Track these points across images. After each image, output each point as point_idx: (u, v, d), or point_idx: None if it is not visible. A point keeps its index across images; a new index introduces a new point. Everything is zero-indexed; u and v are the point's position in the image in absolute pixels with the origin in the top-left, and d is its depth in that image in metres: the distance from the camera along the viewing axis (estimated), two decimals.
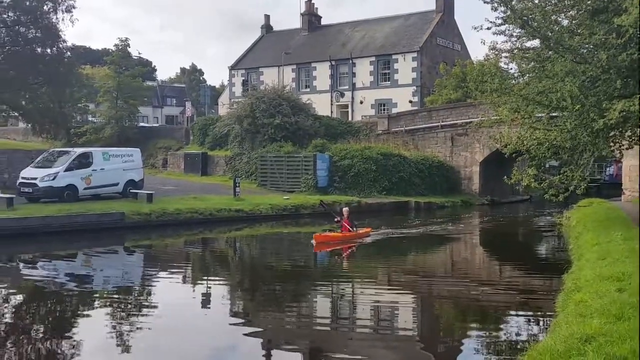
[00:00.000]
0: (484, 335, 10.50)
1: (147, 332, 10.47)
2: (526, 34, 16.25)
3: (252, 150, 38.75)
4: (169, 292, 14.11)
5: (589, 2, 15.09)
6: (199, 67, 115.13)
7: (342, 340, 10.31)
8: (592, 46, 15.09)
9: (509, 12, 15.79)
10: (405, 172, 35.07)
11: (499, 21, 16.43)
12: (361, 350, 9.71)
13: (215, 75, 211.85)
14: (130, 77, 51.87)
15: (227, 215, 25.70)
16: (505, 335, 10.49)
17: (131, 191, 27.40)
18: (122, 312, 12.06)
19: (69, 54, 34.44)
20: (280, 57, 52.14)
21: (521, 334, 10.35)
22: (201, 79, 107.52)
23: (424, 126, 39.44)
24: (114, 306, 12.56)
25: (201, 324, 11.30)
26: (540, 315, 11.39)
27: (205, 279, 16.13)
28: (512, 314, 11.79)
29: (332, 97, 50.97)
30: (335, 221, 21.11)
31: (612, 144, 17.56)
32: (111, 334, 10.38)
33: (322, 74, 52.01)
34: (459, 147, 38.10)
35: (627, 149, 18.66)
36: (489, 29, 16.88)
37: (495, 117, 21.87)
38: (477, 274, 16.96)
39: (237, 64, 58.44)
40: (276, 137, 37.75)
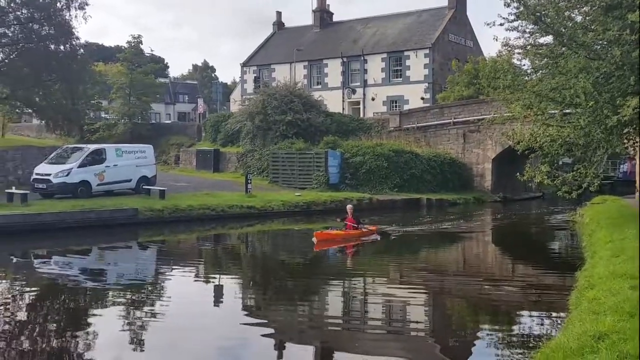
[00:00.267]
0: (496, 332, 10.46)
1: (159, 327, 10.55)
2: (539, 30, 16.18)
3: (264, 147, 38.81)
4: (182, 287, 14.20)
5: None
6: (210, 64, 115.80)
7: (353, 336, 10.33)
8: (605, 42, 14.98)
9: (522, 8, 15.72)
10: (417, 169, 35.01)
11: (512, 17, 16.38)
12: (373, 347, 9.71)
13: (227, 72, 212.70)
14: (142, 74, 52.12)
15: (239, 211, 25.80)
16: (517, 332, 10.45)
17: (144, 187, 27.55)
18: (135, 307, 12.15)
19: (82, 51, 34.61)
20: (292, 54, 52.14)
21: (534, 331, 10.31)
22: (213, 75, 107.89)
23: (435, 123, 39.35)
24: (127, 301, 12.65)
25: (213, 320, 11.38)
26: (553, 312, 11.34)
27: (217, 274, 16.22)
28: (524, 311, 11.74)
29: (343, 93, 50.89)
30: (343, 218, 20.93)
31: (625, 141, 17.44)
32: (124, 329, 10.45)
33: (333, 70, 51.94)
34: (471, 144, 37.97)
35: None
36: (501, 25, 16.82)
37: (507, 114, 21.79)
38: (489, 271, 16.92)
39: (249, 60, 58.50)
40: (288, 133, 37.81)
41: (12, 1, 31.40)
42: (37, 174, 26.09)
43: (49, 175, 25.66)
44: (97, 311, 12.12)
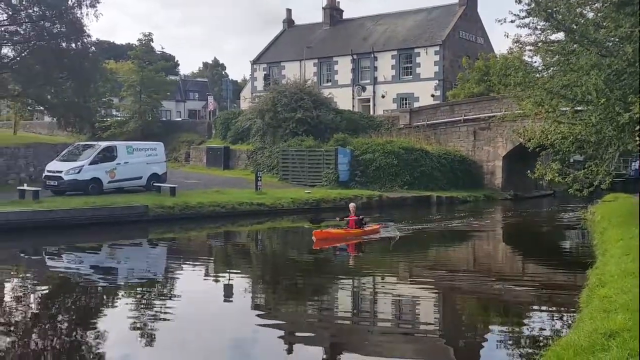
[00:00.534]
0: (506, 330, 10.44)
1: (169, 324, 10.58)
2: (551, 26, 16.09)
3: (274, 144, 38.87)
4: (192, 284, 14.24)
5: None
6: (221, 62, 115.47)
7: (363, 334, 10.33)
8: (617, 39, 14.89)
9: (533, 5, 15.65)
10: (427, 166, 34.95)
11: (523, 14, 16.31)
12: (382, 344, 9.72)
13: (237, 69, 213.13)
14: (153, 71, 52.29)
15: (249, 209, 25.85)
16: (528, 330, 10.39)
17: (154, 185, 27.67)
18: (146, 303, 12.22)
19: (93, 48, 34.70)
20: (301, 51, 52.14)
21: (544, 329, 10.26)
22: (223, 73, 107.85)
23: (446, 120, 39.23)
24: (138, 298, 12.72)
25: (223, 317, 11.42)
26: (563, 310, 11.28)
27: (227, 271, 16.25)
28: (535, 309, 11.67)
29: (353, 91, 50.86)
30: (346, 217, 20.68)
31: (637, 138, 17.29)
32: (134, 326, 10.49)
33: (343, 68, 51.89)
34: (481, 142, 37.83)
35: None
36: (512, 21, 16.76)
37: (518, 111, 21.72)
38: (500, 269, 16.85)
39: (258, 58, 58.54)
40: (298, 131, 37.83)
41: None
42: (48, 171, 26.28)
43: (61, 172, 25.82)
44: (108, 308, 12.21)
